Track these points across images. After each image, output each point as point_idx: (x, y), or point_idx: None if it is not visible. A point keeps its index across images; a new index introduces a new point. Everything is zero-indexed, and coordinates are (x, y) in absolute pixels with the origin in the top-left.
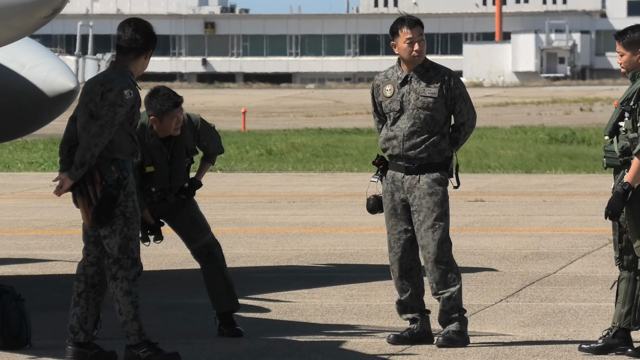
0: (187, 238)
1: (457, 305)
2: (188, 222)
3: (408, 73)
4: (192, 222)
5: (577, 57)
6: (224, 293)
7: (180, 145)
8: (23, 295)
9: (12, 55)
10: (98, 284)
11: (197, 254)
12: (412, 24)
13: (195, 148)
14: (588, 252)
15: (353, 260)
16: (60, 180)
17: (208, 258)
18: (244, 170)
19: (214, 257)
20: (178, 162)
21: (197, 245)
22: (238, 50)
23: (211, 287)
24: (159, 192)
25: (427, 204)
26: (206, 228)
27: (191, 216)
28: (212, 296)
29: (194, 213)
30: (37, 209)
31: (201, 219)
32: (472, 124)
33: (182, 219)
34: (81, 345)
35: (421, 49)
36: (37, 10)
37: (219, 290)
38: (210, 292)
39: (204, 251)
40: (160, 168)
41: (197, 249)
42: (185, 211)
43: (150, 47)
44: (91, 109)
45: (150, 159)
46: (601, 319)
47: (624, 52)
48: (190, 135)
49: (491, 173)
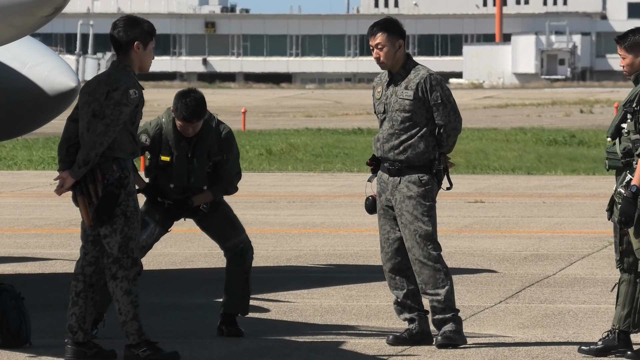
0: (223, 236)
1: (450, 305)
2: (223, 220)
3: (392, 75)
4: (227, 220)
5: (578, 58)
6: (239, 297)
7: (202, 145)
8: (23, 293)
9: (13, 53)
10: (96, 283)
11: (231, 252)
12: (373, 32)
13: (218, 152)
14: (588, 253)
15: (352, 260)
16: (61, 179)
17: (241, 258)
18: (244, 170)
19: (245, 259)
20: (199, 161)
21: (232, 243)
22: (238, 50)
23: (230, 287)
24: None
25: (406, 208)
26: (241, 227)
27: (226, 215)
28: (228, 296)
29: (228, 212)
30: (36, 207)
31: (236, 219)
32: (455, 127)
33: (218, 217)
34: (80, 344)
35: (381, 57)
36: (39, 9)
37: (236, 293)
38: (228, 291)
39: (237, 250)
40: (179, 162)
41: (231, 247)
42: (220, 210)
43: (138, 37)
44: (94, 108)
45: (168, 150)
46: (601, 321)
47: (625, 55)
48: (214, 139)
49: (491, 174)
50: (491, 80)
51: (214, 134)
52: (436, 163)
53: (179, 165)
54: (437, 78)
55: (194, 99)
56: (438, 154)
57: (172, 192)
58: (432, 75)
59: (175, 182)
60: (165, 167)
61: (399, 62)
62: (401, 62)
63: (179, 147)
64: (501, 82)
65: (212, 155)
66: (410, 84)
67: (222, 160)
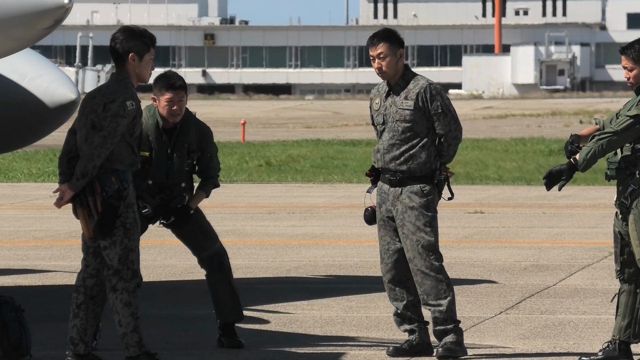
0: (197, 246)
1: (451, 316)
2: (198, 230)
3: (391, 86)
4: (202, 230)
5: (577, 69)
6: (229, 303)
7: (182, 140)
8: (23, 305)
9: (13, 66)
10: (97, 295)
11: (207, 263)
12: (374, 42)
13: (197, 149)
14: (588, 264)
15: (352, 271)
16: (61, 191)
17: (218, 267)
18: (244, 181)
19: (224, 266)
20: (178, 157)
21: (208, 253)
22: (238, 61)
23: (217, 297)
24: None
25: (409, 218)
26: (215, 236)
27: (201, 224)
28: (217, 306)
29: (203, 221)
30: (36, 219)
31: (210, 228)
32: (455, 136)
33: (192, 227)
34: (81, 356)
35: (383, 66)
36: (39, 22)
37: (224, 301)
38: (216, 301)
39: (214, 259)
40: (158, 157)
41: (206, 258)
42: (195, 220)
43: (132, 49)
44: (93, 120)
45: (148, 146)
46: (601, 331)
47: (633, 66)
48: (194, 134)
49: (491, 185)
50: (490, 90)
51: (194, 126)
52: (437, 173)
53: (158, 161)
54: (437, 87)
55: (173, 72)
56: (439, 164)
57: (148, 190)
58: (432, 84)
59: (154, 178)
60: (144, 163)
61: (399, 72)
62: (400, 72)
63: (160, 141)
64: (500, 93)
65: (191, 152)
66: (410, 94)
67: (201, 157)
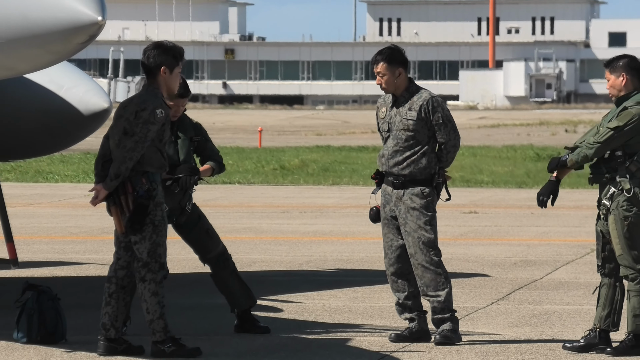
0: (204, 248)
1: (448, 306)
2: (205, 234)
3: (396, 98)
4: (208, 234)
5: (563, 83)
6: (240, 291)
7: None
8: (59, 295)
9: (52, 77)
10: (127, 285)
11: (214, 262)
12: (376, 60)
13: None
14: (572, 260)
15: (358, 265)
16: (96, 191)
17: (224, 264)
18: (260, 184)
19: (229, 262)
20: (183, 140)
21: (214, 254)
22: (255, 74)
23: (228, 289)
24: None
25: (410, 218)
26: (219, 238)
27: (207, 228)
28: (230, 297)
29: (208, 226)
30: (72, 217)
31: (214, 231)
32: (454, 144)
33: (199, 231)
34: (112, 340)
35: (382, 83)
36: (75, 37)
37: (236, 290)
38: (228, 294)
39: (220, 258)
40: None
41: (213, 258)
42: (201, 224)
43: (165, 62)
44: (125, 127)
45: None
46: (583, 320)
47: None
48: (190, 125)
49: (484, 187)
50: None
51: (188, 120)
52: (436, 177)
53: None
54: (439, 100)
55: (181, 78)
56: (438, 169)
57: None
58: (434, 97)
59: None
60: None
61: (400, 87)
62: (403, 86)
63: None
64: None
65: (192, 135)
66: (414, 106)
67: (202, 140)
